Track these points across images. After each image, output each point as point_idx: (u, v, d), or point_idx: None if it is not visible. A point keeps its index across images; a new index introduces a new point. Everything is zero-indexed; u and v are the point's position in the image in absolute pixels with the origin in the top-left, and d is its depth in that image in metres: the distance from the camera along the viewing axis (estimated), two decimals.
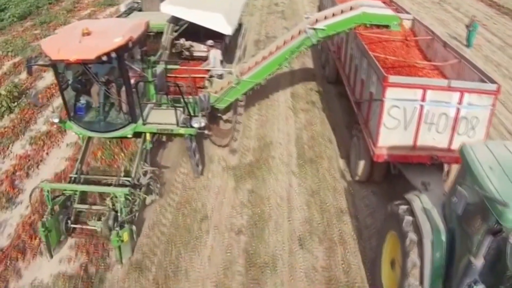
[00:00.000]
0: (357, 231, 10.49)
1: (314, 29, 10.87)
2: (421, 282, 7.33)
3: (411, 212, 7.92)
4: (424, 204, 7.96)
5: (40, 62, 10.66)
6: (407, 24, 15.50)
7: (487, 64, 20.75)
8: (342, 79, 14.80)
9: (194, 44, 13.20)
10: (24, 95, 15.15)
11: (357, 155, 11.69)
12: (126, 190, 9.36)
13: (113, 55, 9.09)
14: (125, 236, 9.10)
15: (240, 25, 15.11)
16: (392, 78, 9.83)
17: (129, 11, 14.26)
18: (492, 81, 10.12)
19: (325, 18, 11.09)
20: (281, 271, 9.47)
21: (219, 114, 12.32)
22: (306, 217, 10.86)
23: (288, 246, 10.08)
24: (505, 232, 6.01)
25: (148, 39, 12.00)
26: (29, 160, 12.70)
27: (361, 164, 11.45)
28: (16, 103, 14.75)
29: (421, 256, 7.39)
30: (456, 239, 7.15)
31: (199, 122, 10.40)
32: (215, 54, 12.27)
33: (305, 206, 11.22)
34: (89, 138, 10.87)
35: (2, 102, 15.02)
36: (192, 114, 10.66)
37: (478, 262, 6.23)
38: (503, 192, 6.13)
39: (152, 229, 10.34)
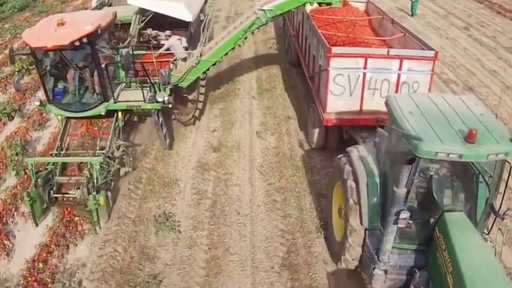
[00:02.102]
0: (301, 126, 14.04)
1: (263, 10, 11.56)
2: (361, 221, 7.98)
3: (350, 161, 8.58)
4: (360, 153, 8.69)
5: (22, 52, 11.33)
6: (361, 6, 16.27)
7: (427, 29, 23.90)
8: None
9: (160, 33, 13.96)
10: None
11: (312, 125, 12.48)
12: (100, 158, 10.31)
13: (85, 40, 10.14)
14: (101, 200, 9.93)
15: (205, 16, 15.80)
16: (335, 49, 10.65)
17: (100, 6, 14.99)
18: (430, 49, 10.80)
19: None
20: (244, 150, 13.07)
21: (185, 95, 13.01)
22: (262, 121, 14.46)
23: (249, 137, 13.71)
24: (417, 161, 6.66)
25: (117, 29, 12.71)
26: None
27: (316, 132, 12.28)
28: (33, 67, 16.02)
29: (358, 197, 8.06)
30: (388, 179, 7.79)
31: (162, 96, 11.23)
32: (173, 43, 13.19)
33: (262, 116, 14.82)
34: (68, 118, 11.62)
35: (23, 65, 17.76)
36: (156, 91, 11.59)
37: (401, 191, 6.80)
38: (419, 130, 6.79)
39: (150, 133, 13.41)
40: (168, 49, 13.22)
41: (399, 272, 7.52)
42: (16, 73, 17.06)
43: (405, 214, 6.80)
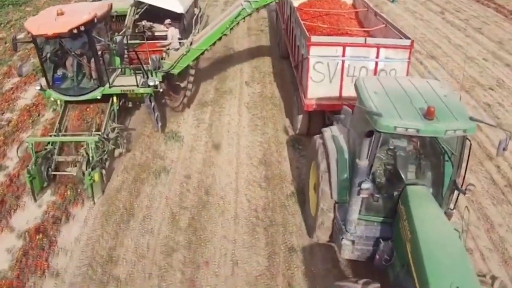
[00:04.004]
0: (280, 80, 16.47)
1: (249, 1, 11.96)
2: (331, 194, 8.30)
3: (323, 140, 8.87)
4: (333, 133, 9.00)
5: (24, 39, 11.73)
6: (349, 0, 16.49)
7: (405, 12, 25.76)
8: None
9: (155, 24, 14.44)
10: None
11: (296, 112, 12.83)
12: (96, 138, 10.75)
13: (82, 28, 10.61)
14: (96, 176, 10.34)
15: (199, 9, 16.16)
16: (314, 38, 10.95)
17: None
18: (407, 38, 11.02)
19: None
20: (234, 93, 15.64)
21: (177, 82, 13.33)
22: (250, 75, 17.00)
23: (239, 85, 16.26)
24: (378, 135, 6.96)
25: (113, 20, 13.14)
26: None
27: (300, 118, 12.57)
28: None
29: (329, 173, 8.36)
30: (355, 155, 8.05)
31: (153, 81, 11.59)
32: (173, 32, 13.54)
33: (250, 72, 17.28)
34: (66, 103, 12.00)
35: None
36: (148, 76, 12.06)
37: (363, 163, 7.09)
38: (380, 107, 7.09)
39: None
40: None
41: (366, 243, 7.76)
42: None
43: (367, 185, 7.04)
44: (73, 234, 9.76)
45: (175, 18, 14.06)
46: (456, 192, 7.67)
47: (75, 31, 10.48)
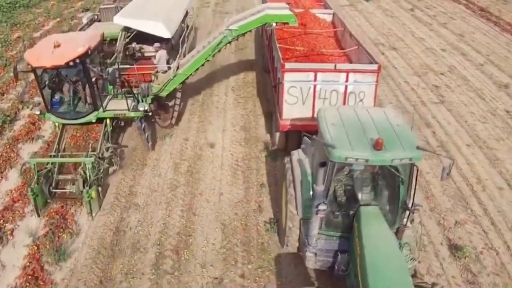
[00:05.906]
0: (260, 69, 19.28)
1: (230, 30, 12.85)
2: (297, 211, 9.32)
3: (291, 163, 9.91)
4: (299, 156, 9.96)
5: (25, 69, 12.82)
6: (328, 18, 17.37)
7: (377, 10, 28.53)
8: None
9: (144, 46, 15.37)
10: None
11: (275, 129, 13.66)
12: (92, 159, 11.83)
13: (77, 60, 11.60)
14: (93, 194, 11.47)
15: (187, 27, 17.17)
16: (288, 65, 11.88)
17: (90, 23, 16.45)
18: (375, 62, 11.96)
19: (237, 21, 13.18)
20: (223, 80, 18.81)
21: (166, 102, 14.36)
22: (236, 65, 20.06)
23: (226, 73, 19.29)
24: (331, 164, 7.94)
25: (105, 46, 14.06)
26: None
27: (277, 135, 13.45)
28: None
29: (295, 192, 9.34)
30: None
31: (143, 106, 12.66)
32: (160, 55, 14.45)
33: (235, 62, 20.20)
34: (63, 125, 13.08)
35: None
36: (139, 101, 12.97)
37: (319, 188, 7.92)
38: (336, 139, 7.98)
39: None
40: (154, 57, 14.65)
41: (326, 255, 8.69)
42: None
43: (323, 207, 7.94)
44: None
45: (163, 40, 14.91)
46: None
47: (71, 63, 11.49)
